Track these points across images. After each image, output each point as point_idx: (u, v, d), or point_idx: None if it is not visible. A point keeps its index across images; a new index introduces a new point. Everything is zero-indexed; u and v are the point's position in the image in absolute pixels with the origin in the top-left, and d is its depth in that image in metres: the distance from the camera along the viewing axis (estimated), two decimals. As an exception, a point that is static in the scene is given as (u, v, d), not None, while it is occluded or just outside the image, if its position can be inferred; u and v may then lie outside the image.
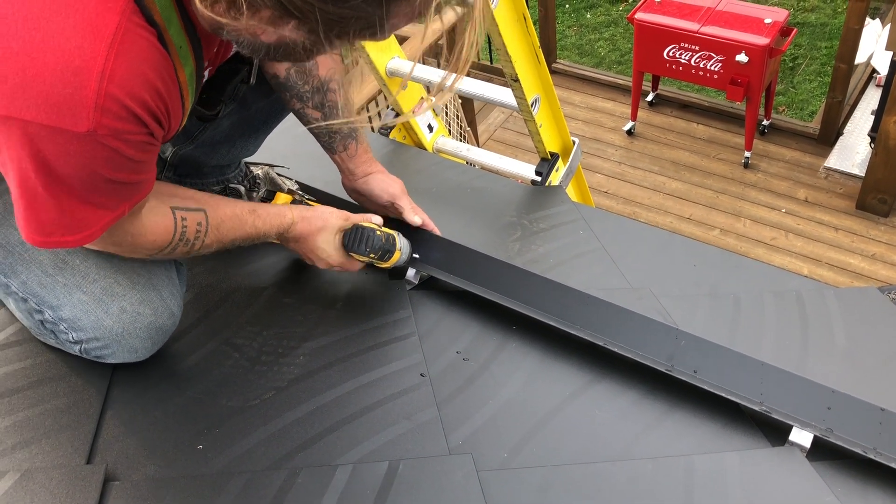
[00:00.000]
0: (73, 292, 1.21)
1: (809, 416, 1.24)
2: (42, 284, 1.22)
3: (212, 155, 1.58)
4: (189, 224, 1.21)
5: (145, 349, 1.26)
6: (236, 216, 1.29)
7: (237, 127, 1.55)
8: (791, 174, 4.71)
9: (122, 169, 0.98)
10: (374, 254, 1.42)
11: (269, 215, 1.34)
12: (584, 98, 5.44)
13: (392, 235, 1.45)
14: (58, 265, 1.21)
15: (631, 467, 1.20)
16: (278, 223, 1.35)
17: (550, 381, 1.36)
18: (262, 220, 1.33)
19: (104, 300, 1.21)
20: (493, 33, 1.75)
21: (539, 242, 1.77)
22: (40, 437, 1.18)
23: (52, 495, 1.06)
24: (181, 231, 1.20)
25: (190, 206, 1.22)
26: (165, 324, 1.26)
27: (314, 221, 1.39)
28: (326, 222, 1.40)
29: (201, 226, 1.23)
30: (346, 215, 1.42)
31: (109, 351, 1.24)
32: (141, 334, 1.24)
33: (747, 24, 4.42)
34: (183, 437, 1.19)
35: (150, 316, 1.23)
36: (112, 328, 1.21)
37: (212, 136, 1.54)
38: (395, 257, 1.45)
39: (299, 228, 1.37)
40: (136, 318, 1.22)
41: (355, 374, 1.34)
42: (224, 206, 1.28)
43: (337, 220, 1.41)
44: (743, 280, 1.71)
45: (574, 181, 2.32)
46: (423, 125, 2.31)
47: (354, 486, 1.11)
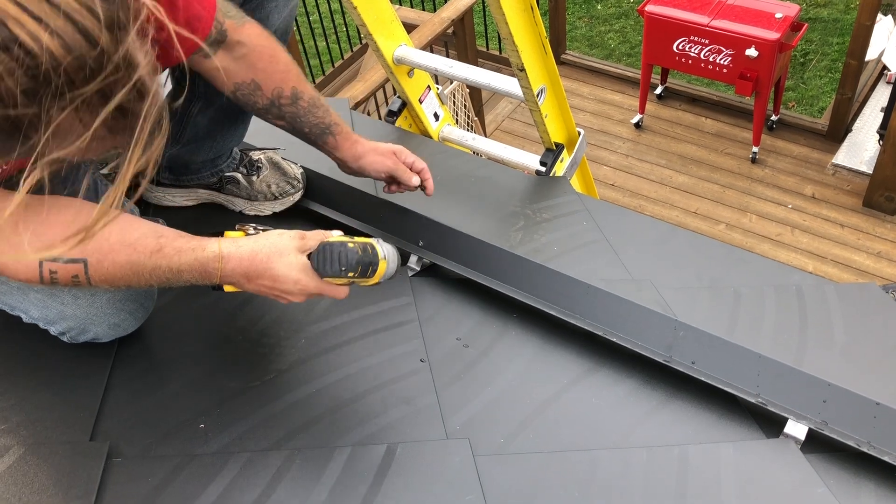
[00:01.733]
0: (27, 293, 1.23)
1: (805, 408, 1.25)
2: (3, 293, 1.25)
3: (197, 152, 1.61)
4: (60, 277, 1.08)
5: (126, 321, 1.28)
6: (132, 264, 1.08)
7: (215, 121, 1.57)
8: (798, 170, 4.69)
9: None
10: (353, 272, 1.17)
11: (180, 252, 1.10)
12: (592, 90, 5.43)
13: (368, 245, 1.21)
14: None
15: (626, 455, 1.21)
16: (194, 258, 1.10)
17: (549, 368, 1.37)
18: (170, 259, 1.09)
19: (55, 293, 1.22)
20: (500, 22, 1.75)
21: (542, 232, 1.78)
22: (45, 414, 1.20)
23: (56, 470, 1.08)
24: (51, 282, 1.08)
25: (69, 255, 1.05)
26: (129, 293, 1.26)
27: (256, 247, 1.13)
28: (276, 246, 1.14)
29: (78, 277, 1.09)
30: (300, 234, 1.18)
31: (92, 333, 1.26)
32: (108, 310, 1.25)
33: (758, 18, 4.40)
34: (184, 416, 1.21)
35: (105, 291, 1.23)
36: (75, 314, 1.23)
37: (193, 134, 1.57)
38: (380, 269, 1.22)
39: (235, 261, 1.12)
40: (92, 298, 1.23)
41: (356, 358, 1.35)
42: (118, 253, 1.08)
43: (291, 240, 1.16)
44: (744, 274, 1.72)
45: (579, 172, 2.32)
46: (429, 114, 2.32)
47: (352, 468, 1.13)
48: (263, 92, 1.40)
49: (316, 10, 5.75)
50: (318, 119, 1.47)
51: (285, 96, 1.42)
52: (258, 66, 1.37)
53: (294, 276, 1.14)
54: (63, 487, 1.06)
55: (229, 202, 1.70)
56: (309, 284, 1.16)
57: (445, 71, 2.11)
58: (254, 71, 1.37)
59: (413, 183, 1.53)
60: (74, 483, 1.07)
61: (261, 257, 1.12)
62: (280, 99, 1.42)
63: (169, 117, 0.84)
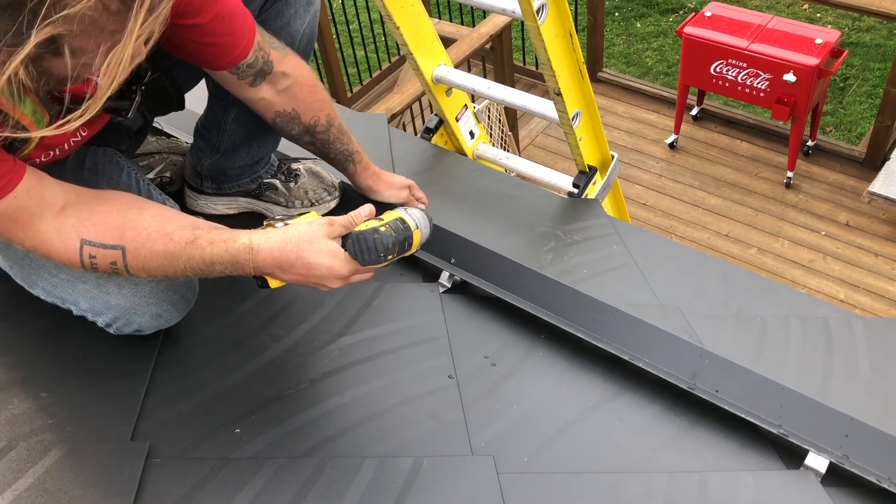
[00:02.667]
0: (76, 284, 1.29)
1: (826, 441, 1.26)
2: (54, 285, 1.31)
3: (234, 159, 1.67)
4: (99, 262, 1.14)
5: (168, 312, 1.33)
6: (167, 254, 1.13)
7: (250, 128, 1.62)
8: (833, 197, 4.66)
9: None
10: (392, 254, 1.18)
11: (212, 244, 1.13)
12: (627, 108, 5.45)
13: (398, 219, 1.23)
14: (56, 265, 1.26)
15: (647, 480, 1.24)
16: (225, 249, 1.13)
17: (574, 390, 1.40)
18: (202, 250, 1.13)
19: (101, 283, 1.28)
20: (539, 48, 1.79)
21: (572, 254, 1.81)
22: (89, 412, 1.26)
23: (99, 467, 1.14)
24: (90, 266, 1.14)
25: (106, 241, 1.13)
26: (171, 284, 1.32)
27: (286, 237, 1.15)
28: (306, 234, 1.15)
29: (116, 264, 1.14)
30: (328, 220, 1.19)
31: (136, 324, 1.31)
32: (150, 300, 1.30)
33: (797, 43, 4.39)
34: (221, 420, 1.26)
35: (148, 282, 1.29)
36: (120, 304, 1.29)
37: (231, 142, 1.63)
38: (415, 240, 1.24)
39: (265, 255, 1.13)
40: (135, 287, 1.29)
41: (386, 371, 1.39)
42: (155, 242, 1.13)
43: (319, 227, 1.17)
44: (771, 304, 1.73)
45: (611, 195, 2.35)
46: (465, 132, 2.36)
47: (380, 479, 1.17)
48: (301, 121, 1.49)
49: (356, 20, 5.83)
50: (344, 146, 1.58)
51: (321, 124, 1.51)
52: (299, 97, 1.46)
53: (326, 263, 1.15)
54: (105, 484, 1.11)
55: (268, 209, 1.75)
56: (342, 270, 1.16)
57: (483, 92, 2.15)
58: (295, 101, 1.45)
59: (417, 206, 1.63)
60: (116, 481, 1.12)
61: (290, 246, 1.13)
62: (316, 127, 1.51)
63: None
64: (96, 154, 1.41)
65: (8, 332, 1.38)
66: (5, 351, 1.34)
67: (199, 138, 1.66)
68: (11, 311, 1.42)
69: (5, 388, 1.27)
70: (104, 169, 1.40)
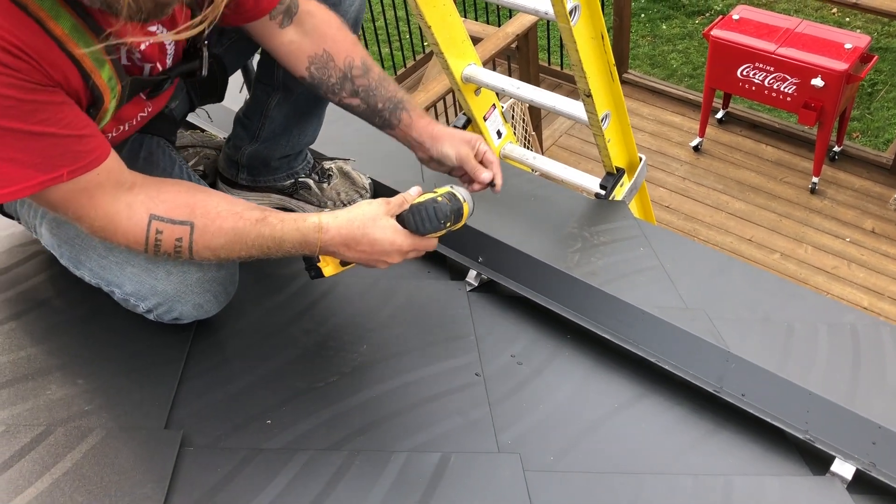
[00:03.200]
0: (124, 267, 1.31)
1: (853, 448, 1.26)
2: (102, 267, 1.33)
3: (275, 147, 1.68)
4: (165, 238, 1.17)
5: (209, 303, 1.35)
6: (237, 231, 1.19)
7: (290, 115, 1.64)
8: (859, 203, 4.62)
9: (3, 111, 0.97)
10: (449, 221, 1.28)
11: (283, 222, 1.21)
12: (652, 110, 5.43)
13: (448, 194, 1.31)
14: (107, 246, 1.30)
15: (672, 481, 1.25)
16: (296, 227, 1.21)
17: (600, 391, 1.41)
18: (273, 227, 1.20)
19: (150, 267, 1.30)
20: (571, 49, 1.79)
21: (598, 255, 1.82)
22: (124, 399, 1.28)
23: (134, 454, 1.16)
24: (154, 244, 1.17)
25: (176, 217, 1.17)
26: (216, 275, 1.34)
27: (352, 215, 1.23)
28: (368, 213, 1.24)
29: (181, 241, 1.17)
30: (384, 200, 1.28)
31: (177, 312, 1.33)
32: (196, 289, 1.32)
33: (826, 48, 4.36)
34: (252, 411, 1.28)
35: (196, 271, 1.31)
36: (166, 290, 1.30)
37: (271, 130, 1.65)
38: (465, 212, 1.33)
39: (335, 229, 1.22)
40: (183, 275, 1.31)
41: (414, 368, 1.41)
42: (225, 219, 1.19)
43: (379, 206, 1.26)
44: (798, 309, 1.73)
45: (637, 197, 2.35)
46: (492, 131, 2.37)
47: (407, 474, 1.19)
48: (336, 63, 1.42)
49: (381, 17, 5.86)
50: (391, 93, 1.47)
51: (357, 66, 1.44)
52: (328, 35, 1.41)
53: (389, 238, 1.24)
54: (140, 471, 1.14)
55: (300, 208, 1.77)
56: (404, 244, 1.26)
57: (512, 92, 2.16)
58: (325, 40, 1.41)
59: (483, 179, 1.49)
60: (150, 468, 1.14)
61: (357, 224, 1.22)
62: (352, 70, 1.44)
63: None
64: (150, 144, 1.44)
65: (47, 320, 1.41)
66: (44, 338, 1.37)
67: (238, 127, 1.68)
68: (51, 298, 1.45)
69: (44, 374, 1.30)
70: (158, 160, 1.44)
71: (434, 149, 1.50)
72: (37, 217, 1.36)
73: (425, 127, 1.50)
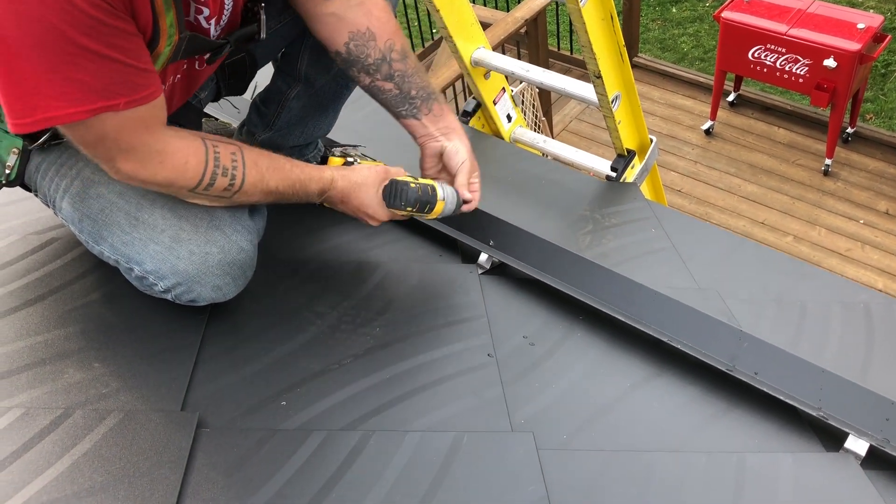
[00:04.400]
0: (147, 245, 1.32)
1: (867, 425, 1.26)
2: (124, 243, 1.33)
3: (288, 137, 1.69)
4: (222, 152, 1.25)
5: (227, 286, 1.36)
6: (272, 157, 1.33)
7: (308, 107, 1.64)
8: (873, 185, 4.59)
9: (86, 29, 1.00)
10: (412, 207, 1.42)
11: (307, 167, 1.38)
12: (663, 94, 5.40)
13: (430, 186, 1.43)
14: (131, 223, 1.32)
15: (685, 459, 1.25)
16: (318, 176, 1.38)
17: (613, 371, 1.41)
18: (299, 167, 1.37)
19: (174, 247, 1.31)
20: (580, 31, 1.79)
21: (610, 237, 1.82)
22: (140, 382, 1.30)
23: (151, 436, 1.17)
24: (213, 156, 1.24)
25: (224, 140, 1.28)
26: (237, 258, 1.35)
27: (353, 178, 1.41)
28: (366, 179, 1.42)
29: (236, 156, 1.27)
30: (385, 170, 1.44)
31: (195, 293, 1.34)
32: (216, 271, 1.33)
33: (838, 28, 4.32)
34: (268, 392, 1.29)
35: (218, 254, 1.32)
36: (187, 271, 1.31)
37: (287, 119, 1.65)
38: (437, 208, 1.44)
39: (340, 186, 1.40)
40: (205, 257, 1.31)
41: (426, 349, 1.42)
42: (259, 149, 1.34)
43: (376, 175, 1.43)
44: (811, 289, 1.73)
45: (648, 179, 2.35)
46: (502, 115, 2.37)
47: (422, 453, 1.20)
48: (377, 42, 1.41)
49: (391, 5, 5.84)
50: (425, 82, 1.48)
51: (396, 50, 1.43)
52: (374, 14, 1.40)
53: (374, 206, 1.43)
54: (157, 452, 1.15)
55: None
56: (382, 214, 1.45)
57: (522, 75, 2.16)
58: (369, 18, 1.40)
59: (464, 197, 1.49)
60: (167, 449, 1.16)
61: (353, 186, 1.42)
62: (392, 53, 1.43)
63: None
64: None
65: (62, 305, 1.42)
66: (60, 323, 1.38)
67: (254, 113, 1.69)
68: (66, 284, 1.46)
69: (61, 358, 1.31)
70: None
71: (451, 143, 1.50)
72: (58, 191, 1.37)
73: (453, 121, 1.52)
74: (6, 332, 1.36)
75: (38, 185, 1.40)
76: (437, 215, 1.47)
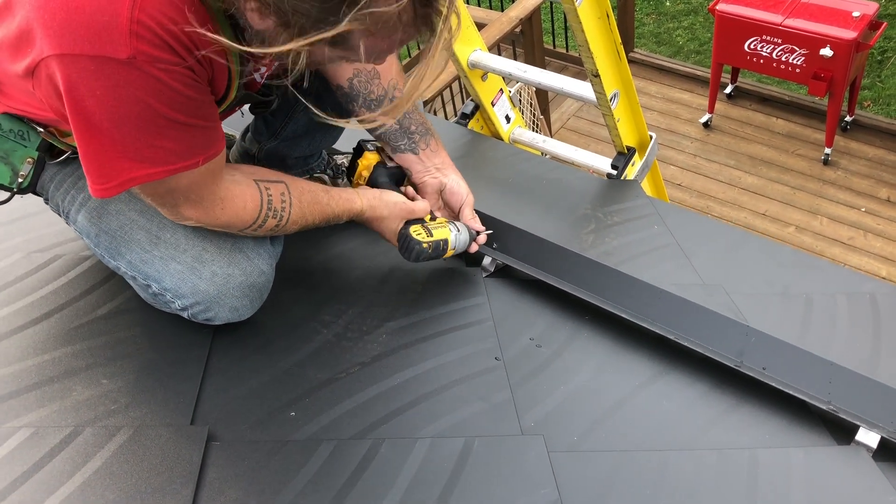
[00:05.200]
0: (168, 264, 1.32)
1: (877, 417, 1.26)
2: (143, 261, 1.34)
3: (294, 147, 1.68)
4: (274, 194, 1.31)
5: (244, 307, 1.37)
6: (312, 192, 1.38)
7: (316, 122, 1.63)
8: (873, 172, 4.59)
9: (175, 106, 1.05)
10: (419, 260, 1.48)
11: (340, 199, 1.42)
12: (660, 88, 5.40)
13: (440, 241, 1.49)
14: (152, 241, 1.33)
15: (696, 457, 1.25)
16: (348, 208, 1.43)
17: (621, 370, 1.41)
18: (336, 200, 1.41)
19: (196, 267, 1.32)
20: (577, 30, 1.79)
21: (613, 235, 1.82)
22: (149, 398, 1.30)
23: (162, 451, 1.17)
24: (267, 200, 1.30)
25: (271, 178, 1.32)
26: (257, 281, 1.36)
27: (379, 211, 1.47)
28: (390, 214, 1.48)
29: (285, 196, 1.32)
30: (410, 210, 1.49)
31: (213, 313, 1.35)
32: (236, 293, 1.34)
33: (834, 16, 4.31)
34: (276, 404, 1.29)
35: (240, 276, 1.34)
36: (208, 291, 1.32)
37: (293, 131, 1.65)
38: (448, 254, 1.52)
39: (366, 217, 1.47)
40: (227, 279, 1.33)
41: (433, 355, 1.42)
42: (300, 181, 1.37)
43: (399, 212, 1.48)
44: (816, 281, 1.72)
45: (649, 176, 2.34)
46: (500, 116, 2.37)
47: (433, 459, 1.19)
48: (381, 80, 1.47)
49: (385, 9, 5.83)
50: (423, 118, 1.55)
51: (399, 89, 1.48)
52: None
53: (389, 237, 1.50)
54: (168, 467, 1.15)
55: None
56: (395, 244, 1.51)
57: (519, 75, 2.16)
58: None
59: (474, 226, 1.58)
60: (178, 464, 1.16)
61: (378, 220, 1.48)
62: (395, 91, 1.48)
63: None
64: None
65: (69, 321, 1.42)
66: (68, 339, 1.38)
67: (260, 121, 1.68)
68: (71, 301, 1.46)
69: (69, 375, 1.31)
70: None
71: (449, 179, 1.58)
72: (74, 203, 1.37)
73: (446, 157, 1.60)
74: (13, 351, 1.36)
75: (51, 196, 1.41)
76: (450, 256, 1.54)
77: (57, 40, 0.98)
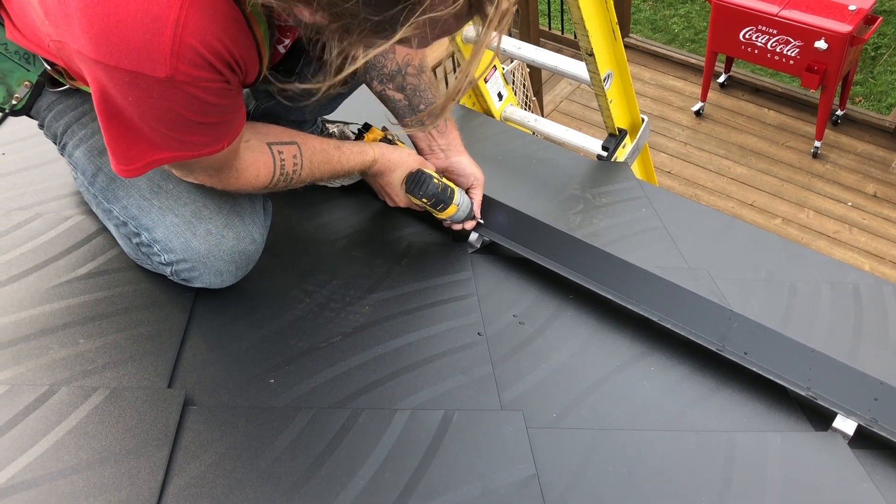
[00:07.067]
0: (166, 215, 1.30)
1: (855, 404, 1.27)
2: (140, 208, 1.32)
3: (289, 112, 1.65)
4: (286, 157, 1.31)
5: (229, 273, 1.35)
6: (324, 150, 1.38)
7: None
8: (861, 167, 4.60)
9: (207, 113, 1.05)
10: (429, 200, 1.50)
11: (352, 152, 1.43)
12: (653, 75, 5.38)
13: (451, 188, 1.52)
14: (153, 190, 1.31)
15: (674, 438, 1.25)
16: (360, 160, 1.45)
17: (603, 350, 1.41)
18: (347, 156, 1.43)
19: (193, 222, 1.30)
20: (573, 7, 1.77)
21: (601, 217, 1.81)
22: (126, 359, 1.28)
23: (138, 413, 1.16)
24: (280, 164, 1.30)
25: (283, 139, 1.32)
26: (247, 249, 1.35)
27: (392, 159, 1.49)
28: (402, 162, 1.50)
29: (297, 158, 1.32)
30: (422, 161, 1.53)
31: (196, 273, 1.33)
32: (225, 257, 1.33)
33: (830, 9, 4.30)
34: (256, 370, 1.28)
35: (232, 240, 1.32)
36: (198, 249, 1.30)
37: (290, 95, 1.61)
38: (450, 210, 1.53)
39: (379, 165, 1.48)
40: (220, 240, 1.31)
41: (416, 328, 1.41)
42: (312, 140, 1.37)
43: (412, 161, 1.51)
44: (801, 269, 1.73)
45: (640, 159, 2.34)
46: (493, 93, 2.35)
47: (411, 430, 1.19)
48: (395, 55, 1.47)
49: (381, -17, 5.77)
50: (435, 97, 1.53)
51: (413, 65, 1.48)
52: None
53: (397, 190, 1.54)
54: (144, 429, 1.14)
55: None
56: (400, 199, 1.56)
57: (514, 52, 2.14)
58: None
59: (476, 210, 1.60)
60: (154, 426, 1.14)
61: (390, 166, 1.50)
62: (408, 67, 1.48)
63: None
64: None
65: (48, 280, 1.40)
66: (46, 298, 1.36)
67: None
68: (52, 259, 1.44)
69: (46, 334, 1.29)
70: None
71: (455, 160, 1.59)
72: (73, 137, 1.35)
73: (456, 139, 1.60)
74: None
75: (48, 124, 1.38)
76: (447, 217, 1.55)
77: (94, 47, 0.93)
